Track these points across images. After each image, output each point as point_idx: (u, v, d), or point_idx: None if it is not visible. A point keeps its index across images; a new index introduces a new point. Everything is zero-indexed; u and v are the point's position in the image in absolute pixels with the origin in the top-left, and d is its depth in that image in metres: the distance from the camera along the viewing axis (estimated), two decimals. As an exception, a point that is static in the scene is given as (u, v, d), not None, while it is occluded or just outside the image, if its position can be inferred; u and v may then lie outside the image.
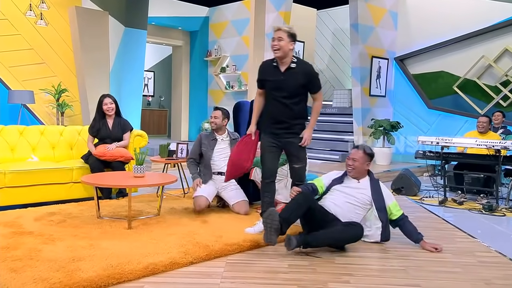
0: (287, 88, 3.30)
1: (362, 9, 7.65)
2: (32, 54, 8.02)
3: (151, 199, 4.51)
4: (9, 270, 2.49)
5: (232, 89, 9.79)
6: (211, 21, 10.22)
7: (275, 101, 3.35)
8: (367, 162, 3.37)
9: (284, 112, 3.35)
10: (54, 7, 8.16)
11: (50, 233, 3.21)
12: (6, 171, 3.94)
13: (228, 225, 3.60)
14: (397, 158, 8.09)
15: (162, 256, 2.78)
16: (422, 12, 8.01)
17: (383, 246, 3.30)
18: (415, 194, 5.65)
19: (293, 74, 3.30)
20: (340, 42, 10.22)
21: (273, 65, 3.36)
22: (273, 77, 3.33)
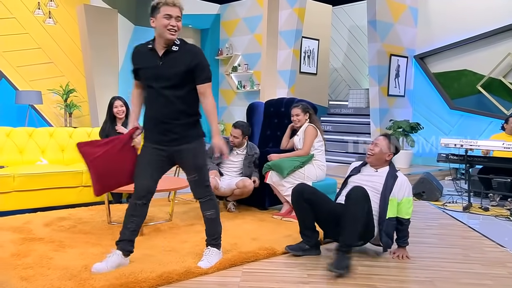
0: (169, 78, 2.65)
1: (381, 5, 7.57)
2: (40, 53, 8.10)
3: (162, 203, 4.51)
4: (20, 278, 2.50)
5: (244, 89, 9.78)
6: (223, 19, 10.22)
7: (155, 96, 2.67)
8: (389, 152, 3.23)
9: (167, 109, 2.67)
10: (62, 5, 8.24)
11: (60, 239, 3.22)
12: (15, 175, 3.97)
13: (242, 231, 3.58)
14: (417, 161, 7.99)
15: (176, 265, 2.77)
16: (444, 8, 7.90)
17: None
18: (437, 199, 5.56)
19: (173, 59, 2.65)
20: (357, 40, 10.15)
21: (148, 49, 2.67)
22: (149, 64, 2.66)
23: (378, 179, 3.17)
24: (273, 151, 4.30)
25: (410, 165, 7.57)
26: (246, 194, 4.13)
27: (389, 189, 3.11)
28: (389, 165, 3.25)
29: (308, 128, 4.18)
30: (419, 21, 8.18)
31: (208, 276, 2.73)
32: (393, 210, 3.11)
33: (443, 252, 3.37)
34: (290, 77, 8.33)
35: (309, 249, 3.13)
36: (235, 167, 4.30)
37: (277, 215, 4.05)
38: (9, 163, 4.32)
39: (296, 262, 3.00)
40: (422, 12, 8.14)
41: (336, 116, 9.13)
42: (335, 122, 8.86)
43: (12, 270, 2.62)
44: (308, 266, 2.93)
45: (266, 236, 3.43)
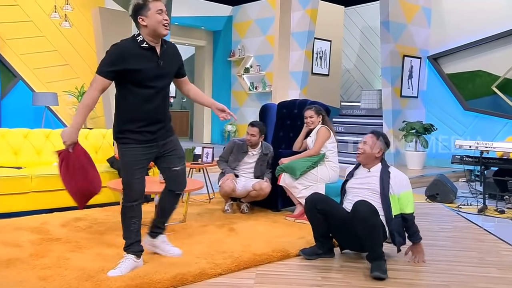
0: (168, 75, 2.69)
1: (394, 5, 7.50)
2: (55, 55, 8.21)
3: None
4: (39, 278, 2.53)
5: (256, 90, 9.78)
6: (235, 20, 10.24)
7: (153, 95, 2.63)
8: (378, 149, 3.09)
9: (163, 106, 2.71)
10: (78, 8, 8.34)
11: (77, 240, 3.25)
12: (32, 175, 4.02)
13: (255, 233, 3.57)
14: (430, 162, 7.90)
15: (190, 266, 2.78)
16: (458, 8, 7.79)
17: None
18: (452, 202, 5.49)
19: (168, 56, 2.68)
20: (369, 41, 10.07)
21: (142, 48, 2.56)
22: (149, 64, 2.59)
23: (373, 179, 3.09)
24: (286, 153, 4.29)
25: (423, 167, 7.49)
26: (262, 197, 4.13)
27: (387, 186, 3.03)
28: (381, 162, 3.14)
29: (321, 129, 4.17)
30: (432, 22, 8.09)
31: (222, 277, 2.73)
32: (396, 207, 3.03)
33: (458, 256, 3.32)
34: (302, 78, 8.31)
35: (323, 253, 3.11)
36: (250, 168, 4.30)
37: (290, 217, 4.04)
38: (26, 164, 4.39)
39: (310, 265, 2.98)
40: (435, 13, 8.05)
41: (348, 117, 9.08)
42: (348, 123, 8.81)
43: (31, 270, 2.66)
44: (322, 269, 2.92)
45: (280, 238, 3.43)
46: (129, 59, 2.53)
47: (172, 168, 2.82)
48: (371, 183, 3.07)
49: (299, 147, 4.35)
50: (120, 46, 2.56)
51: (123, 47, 2.56)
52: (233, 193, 4.11)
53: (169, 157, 2.81)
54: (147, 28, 2.55)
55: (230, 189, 4.05)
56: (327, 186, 4.03)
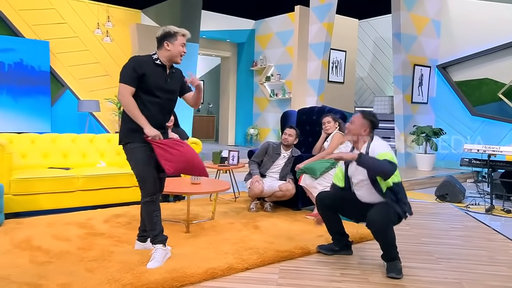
0: (171, 92, 2.86)
1: (405, 19, 7.36)
2: (98, 67, 8.38)
3: (205, 202, 4.54)
4: (86, 270, 2.57)
5: (276, 96, 9.74)
6: (257, 33, 10.23)
7: (161, 104, 2.79)
8: (364, 127, 2.84)
9: (167, 116, 2.90)
10: (118, 25, 8.49)
11: (118, 235, 3.29)
12: (79, 176, 4.10)
13: (278, 230, 3.55)
14: (439, 164, 7.71)
15: (220, 261, 2.77)
16: (466, 20, 7.58)
17: (433, 256, 3.11)
18: (460, 201, 5.34)
19: (174, 77, 2.87)
20: (381, 51, 9.91)
21: (156, 64, 2.75)
22: (159, 77, 2.76)
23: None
24: (306, 157, 4.25)
25: (433, 168, 7.32)
26: (287, 197, 4.11)
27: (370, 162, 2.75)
28: (367, 142, 2.87)
29: (336, 134, 4.17)
30: (441, 33, 7.90)
31: (248, 271, 2.72)
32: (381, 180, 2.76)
33: (469, 254, 3.22)
34: (319, 86, 8.22)
35: (340, 250, 3.06)
36: (279, 169, 4.28)
37: (309, 216, 4.00)
38: (74, 165, 4.48)
39: (329, 261, 2.94)
40: (444, 25, 7.86)
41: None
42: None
43: (79, 262, 2.70)
44: (340, 266, 2.87)
45: (301, 236, 3.39)
46: (145, 68, 2.71)
47: (160, 174, 2.84)
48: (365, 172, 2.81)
49: (319, 151, 4.31)
50: (138, 58, 2.77)
51: (140, 58, 2.77)
52: (260, 194, 4.09)
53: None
54: (169, 52, 2.76)
55: (259, 190, 4.03)
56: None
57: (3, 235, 3.21)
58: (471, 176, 7.12)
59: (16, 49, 7.41)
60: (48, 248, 2.94)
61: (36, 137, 4.49)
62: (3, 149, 3.73)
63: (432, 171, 7.18)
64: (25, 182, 3.80)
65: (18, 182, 3.78)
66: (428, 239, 3.56)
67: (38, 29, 7.82)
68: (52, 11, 7.98)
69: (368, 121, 2.86)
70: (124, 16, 8.74)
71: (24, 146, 4.33)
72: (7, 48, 7.33)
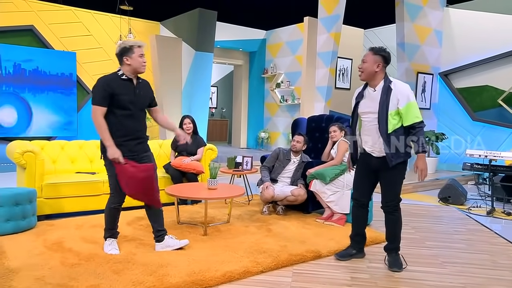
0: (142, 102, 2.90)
1: (409, 29, 7.26)
2: (120, 76, 8.44)
3: (220, 205, 4.54)
4: (113, 272, 2.59)
5: (286, 102, 9.70)
6: (268, 42, 10.20)
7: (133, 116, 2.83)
8: (378, 63, 2.67)
9: (140, 126, 2.92)
10: (139, 36, 8.54)
11: (140, 237, 3.31)
12: (104, 180, 4.12)
13: (290, 234, 3.52)
14: (442, 167, 7.59)
15: (236, 264, 2.76)
16: (466, 30, 7.46)
17: (439, 260, 3.06)
18: (462, 204, 5.25)
19: (143, 88, 2.91)
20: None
21: (122, 79, 2.79)
22: (128, 91, 2.80)
23: (377, 99, 2.69)
24: (316, 163, 4.22)
25: (435, 171, 7.21)
26: (299, 202, 4.08)
27: (385, 104, 2.64)
28: (383, 79, 2.71)
29: (340, 142, 4.15)
30: (443, 42, 7.78)
31: (263, 274, 2.71)
32: (394, 122, 2.64)
33: (473, 258, 3.16)
34: (327, 92, 8.16)
35: (356, 253, 3.02)
36: (289, 174, 4.25)
37: (320, 219, 3.97)
38: (99, 170, 4.51)
39: (340, 265, 2.91)
40: (446, 34, 7.74)
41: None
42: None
43: (106, 264, 2.72)
44: (351, 270, 2.84)
45: (312, 239, 3.36)
46: (112, 86, 2.77)
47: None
48: (375, 105, 2.69)
49: (327, 157, 4.29)
50: (105, 78, 2.81)
51: (107, 78, 2.81)
52: (271, 199, 4.08)
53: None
54: (130, 66, 2.81)
55: (270, 195, 4.02)
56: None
57: (36, 237, 3.25)
58: (472, 178, 7.00)
59: (47, 59, 7.51)
60: (78, 250, 2.97)
61: (65, 143, 4.54)
62: (36, 156, 3.78)
63: (435, 174, 7.07)
64: (55, 187, 3.85)
65: (49, 186, 3.82)
66: (433, 243, 3.50)
67: (66, 41, 7.91)
68: (79, 24, 8.06)
69: (380, 56, 2.69)
70: (144, 28, 8.79)
71: (55, 152, 4.38)
72: (39, 59, 7.44)
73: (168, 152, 4.83)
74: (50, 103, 7.62)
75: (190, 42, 8.25)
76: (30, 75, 7.40)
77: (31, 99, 7.45)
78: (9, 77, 7.21)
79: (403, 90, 2.65)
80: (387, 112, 2.63)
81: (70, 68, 7.76)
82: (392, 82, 2.70)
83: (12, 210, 3.27)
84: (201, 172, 4.50)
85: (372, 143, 2.77)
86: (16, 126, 7.36)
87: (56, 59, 7.62)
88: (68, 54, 7.77)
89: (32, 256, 2.81)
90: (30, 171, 3.74)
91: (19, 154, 3.70)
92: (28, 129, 7.47)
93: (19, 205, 3.32)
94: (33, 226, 3.48)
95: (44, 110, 7.59)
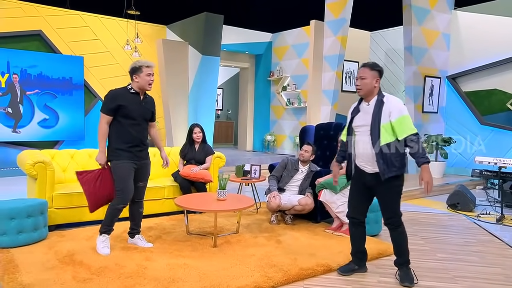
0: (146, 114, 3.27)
1: (416, 32, 7.20)
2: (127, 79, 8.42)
3: (229, 214, 4.52)
4: (124, 287, 2.59)
5: (292, 105, 9.67)
6: (274, 45, 10.16)
7: (137, 125, 3.19)
8: (376, 78, 2.73)
9: (143, 134, 3.26)
10: (146, 40, 8.54)
11: (150, 249, 3.31)
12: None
13: (299, 246, 3.51)
14: (449, 171, 7.54)
15: (247, 279, 2.75)
16: (474, 33, 7.38)
17: (450, 274, 3.03)
18: (471, 210, 5.20)
19: (147, 103, 3.28)
20: (392, 61, 9.72)
21: (131, 93, 3.17)
22: (135, 103, 3.16)
23: (370, 113, 2.73)
24: (325, 172, 4.20)
25: (443, 175, 7.16)
26: (306, 211, 4.06)
27: (377, 117, 2.66)
28: (377, 94, 2.75)
29: None
30: (451, 45, 7.70)
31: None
32: (387, 135, 2.65)
33: (485, 272, 3.12)
34: (333, 95, 8.12)
35: (358, 269, 3.00)
36: (298, 183, 4.23)
37: (329, 229, 3.95)
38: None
39: (350, 280, 2.89)
40: (454, 37, 7.66)
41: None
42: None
43: (117, 278, 2.72)
44: (362, 284, 2.82)
45: (321, 252, 3.34)
46: (119, 99, 3.11)
47: (139, 183, 3.30)
48: (368, 117, 2.72)
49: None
50: (113, 92, 3.16)
51: (115, 92, 3.16)
52: (277, 208, 4.07)
53: (141, 174, 3.29)
54: (138, 83, 3.16)
55: (276, 205, 4.01)
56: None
57: (48, 249, 3.26)
58: (481, 183, 6.94)
59: (55, 64, 7.54)
60: (89, 263, 2.97)
61: (74, 152, 4.55)
62: (46, 166, 3.79)
63: (443, 178, 7.02)
64: (66, 197, 3.86)
65: (60, 197, 3.84)
66: (443, 255, 3.47)
67: (73, 45, 7.93)
68: (86, 29, 8.08)
69: (377, 71, 2.76)
70: (151, 31, 8.79)
71: (64, 161, 4.39)
72: (47, 64, 7.47)
73: (177, 160, 4.83)
74: (58, 106, 7.65)
75: (197, 46, 8.24)
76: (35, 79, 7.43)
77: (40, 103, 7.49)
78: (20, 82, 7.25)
79: (395, 104, 2.69)
80: (379, 124, 2.67)
81: (77, 72, 7.79)
82: (385, 96, 2.75)
83: (24, 222, 3.29)
84: (209, 181, 4.49)
85: (365, 157, 2.78)
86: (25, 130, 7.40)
87: (65, 63, 7.64)
88: (76, 59, 7.79)
89: (45, 270, 2.82)
90: (41, 182, 3.76)
91: (30, 165, 3.71)
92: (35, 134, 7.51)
93: (31, 217, 3.34)
94: (44, 238, 3.50)
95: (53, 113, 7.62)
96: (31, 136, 7.45)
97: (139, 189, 3.31)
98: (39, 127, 7.52)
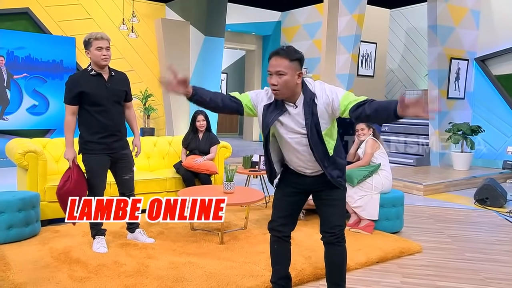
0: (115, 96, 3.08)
1: (442, 9, 7.06)
2: (123, 62, 8.43)
3: (236, 209, 4.51)
4: (124, 287, 2.59)
5: (303, 91, 9.60)
6: (283, 25, 10.05)
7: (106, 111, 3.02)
8: (298, 71, 2.06)
9: (115, 121, 3.09)
10: (143, 20, 8.48)
11: (152, 246, 3.31)
12: (110, 182, 4.12)
13: (313, 243, 3.48)
14: (477, 163, 7.45)
15: (257, 279, 2.75)
16: (508, 9, 7.21)
17: (480, 276, 2.99)
18: (502, 206, 5.14)
19: (117, 82, 3.10)
20: (414, 41, 9.58)
21: (91, 75, 2.98)
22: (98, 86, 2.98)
23: (300, 117, 2.13)
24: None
25: (469, 167, 7.08)
26: None
27: (314, 126, 2.09)
28: (302, 91, 2.12)
29: (368, 140, 4.08)
30: (481, 24, 7.55)
31: (287, 291, 2.67)
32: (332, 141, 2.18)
33: (519, 273, 3.08)
34: (348, 80, 8.04)
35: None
36: None
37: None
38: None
39: (370, 280, 2.88)
40: (484, 15, 7.49)
41: (393, 117, 8.70)
42: (393, 124, 8.46)
43: (117, 277, 2.72)
44: (383, 285, 2.80)
45: (338, 250, 3.31)
46: (79, 85, 2.96)
47: (123, 177, 3.23)
48: (301, 123, 2.13)
49: (353, 158, 4.22)
50: (72, 78, 3.04)
51: (74, 77, 3.04)
52: None
53: (122, 167, 3.21)
54: (91, 59, 3.00)
55: None
56: (381, 196, 3.89)
57: (41, 245, 3.28)
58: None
59: (44, 45, 7.52)
60: (86, 261, 2.98)
61: (67, 141, 4.54)
62: (38, 156, 3.79)
63: (469, 171, 6.94)
64: (59, 189, 3.86)
65: (53, 189, 3.82)
66: (473, 254, 3.43)
67: (64, 25, 7.90)
68: (78, 7, 8.04)
69: (297, 61, 2.07)
70: (149, 10, 8.72)
71: (57, 150, 4.39)
72: (36, 45, 7.45)
73: (179, 150, 4.82)
74: (48, 91, 7.66)
75: (199, 26, 8.17)
76: (23, 62, 7.43)
77: (28, 88, 7.49)
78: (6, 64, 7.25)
79: (329, 94, 2.10)
80: (320, 134, 2.11)
81: (69, 55, 7.77)
82: (314, 93, 2.11)
83: (15, 216, 3.30)
84: (214, 173, 4.48)
85: (302, 162, 2.26)
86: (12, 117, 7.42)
87: (53, 45, 7.62)
88: (67, 40, 7.76)
89: (38, 269, 2.83)
90: (33, 173, 3.76)
91: (20, 155, 3.71)
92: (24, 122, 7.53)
93: (22, 211, 3.35)
94: (37, 233, 3.51)
95: (42, 99, 7.63)
96: (20, 124, 7.48)
97: (125, 182, 3.24)
98: (28, 114, 7.54)
